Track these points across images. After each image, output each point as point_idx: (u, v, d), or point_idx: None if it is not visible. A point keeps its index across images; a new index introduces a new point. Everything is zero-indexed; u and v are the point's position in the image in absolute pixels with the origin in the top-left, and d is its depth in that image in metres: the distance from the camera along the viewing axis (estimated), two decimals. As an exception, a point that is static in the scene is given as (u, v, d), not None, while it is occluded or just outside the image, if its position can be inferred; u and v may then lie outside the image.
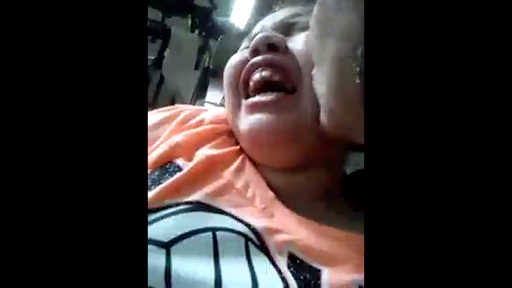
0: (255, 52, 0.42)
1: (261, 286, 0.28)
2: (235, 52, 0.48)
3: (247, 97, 0.42)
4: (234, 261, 0.29)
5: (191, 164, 0.37)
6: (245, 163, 0.41)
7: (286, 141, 0.39)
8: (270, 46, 0.41)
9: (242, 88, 0.42)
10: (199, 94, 1.74)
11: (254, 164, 0.42)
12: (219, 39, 1.58)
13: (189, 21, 1.52)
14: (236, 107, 0.43)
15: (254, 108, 0.40)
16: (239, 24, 1.68)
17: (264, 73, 0.41)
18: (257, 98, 0.40)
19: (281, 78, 0.40)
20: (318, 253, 0.32)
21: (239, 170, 0.40)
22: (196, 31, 1.55)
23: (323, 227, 0.35)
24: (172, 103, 1.63)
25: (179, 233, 0.30)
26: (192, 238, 0.30)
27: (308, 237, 0.33)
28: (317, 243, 0.32)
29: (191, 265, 0.28)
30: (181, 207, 0.33)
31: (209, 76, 1.69)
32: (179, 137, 0.41)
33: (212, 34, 1.55)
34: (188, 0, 1.50)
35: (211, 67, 1.62)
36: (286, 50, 0.42)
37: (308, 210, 0.37)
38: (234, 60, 0.45)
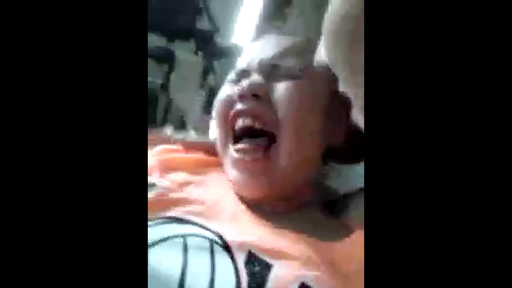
0: (241, 97, 0.47)
1: (217, 274, 0.34)
2: None
3: (234, 134, 0.48)
4: (199, 256, 0.36)
5: (166, 183, 0.43)
6: (218, 184, 0.48)
7: (263, 194, 0.46)
8: (254, 95, 0.47)
9: (230, 127, 0.49)
10: (206, 113, 1.79)
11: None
12: (222, 60, 1.63)
13: (193, 45, 1.58)
14: (224, 147, 0.49)
15: (237, 165, 0.46)
16: (241, 44, 1.73)
17: (246, 122, 0.47)
18: (240, 157, 0.46)
19: (261, 126, 0.46)
20: (273, 251, 0.37)
21: (213, 189, 0.47)
22: (200, 54, 1.60)
23: (284, 230, 0.40)
24: (181, 123, 1.68)
25: (156, 239, 0.36)
26: (166, 242, 0.36)
27: (268, 238, 0.39)
28: (275, 242, 0.38)
29: (163, 260, 0.34)
30: (158, 221, 0.39)
31: (214, 95, 1.74)
32: (153, 160, 0.48)
33: (215, 56, 1.60)
34: (190, 24, 1.56)
35: (215, 87, 1.67)
36: (268, 99, 0.47)
37: (275, 218, 0.44)
38: (223, 94, 0.51)
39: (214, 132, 0.53)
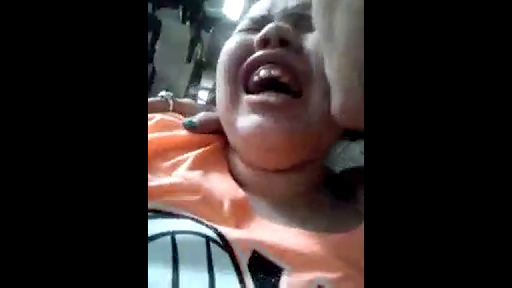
0: (264, 42, 0.38)
1: (217, 282, 0.28)
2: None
3: (247, 90, 0.39)
4: (193, 265, 0.29)
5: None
6: (214, 167, 0.39)
7: (283, 149, 0.37)
8: (282, 40, 0.38)
9: (242, 80, 0.39)
10: (193, 86, 1.73)
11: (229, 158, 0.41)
12: (211, 31, 1.56)
13: (180, 12, 1.51)
14: (234, 99, 0.39)
15: (258, 108, 0.37)
16: (231, 15, 1.66)
17: (273, 72, 0.38)
18: (264, 98, 0.37)
19: (289, 80, 0.37)
20: (282, 252, 0.31)
21: (207, 174, 0.38)
22: (188, 23, 1.54)
23: (291, 228, 0.33)
24: (165, 96, 1.62)
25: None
26: (150, 243, 0.29)
27: (274, 237, 0.32)
28: (283, 242, 0.32)
29: (149, 272, 0.27)
30: None
31: (202, 68, 1.68)
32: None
33: (204, 26, 1.54)
34: (179, -10, 1.48)
35: (203, 59, 1.61)
36: (300, 49, 0.38)
37: (280, 209, 0.36)
38: (233, 43, 0.40)
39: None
